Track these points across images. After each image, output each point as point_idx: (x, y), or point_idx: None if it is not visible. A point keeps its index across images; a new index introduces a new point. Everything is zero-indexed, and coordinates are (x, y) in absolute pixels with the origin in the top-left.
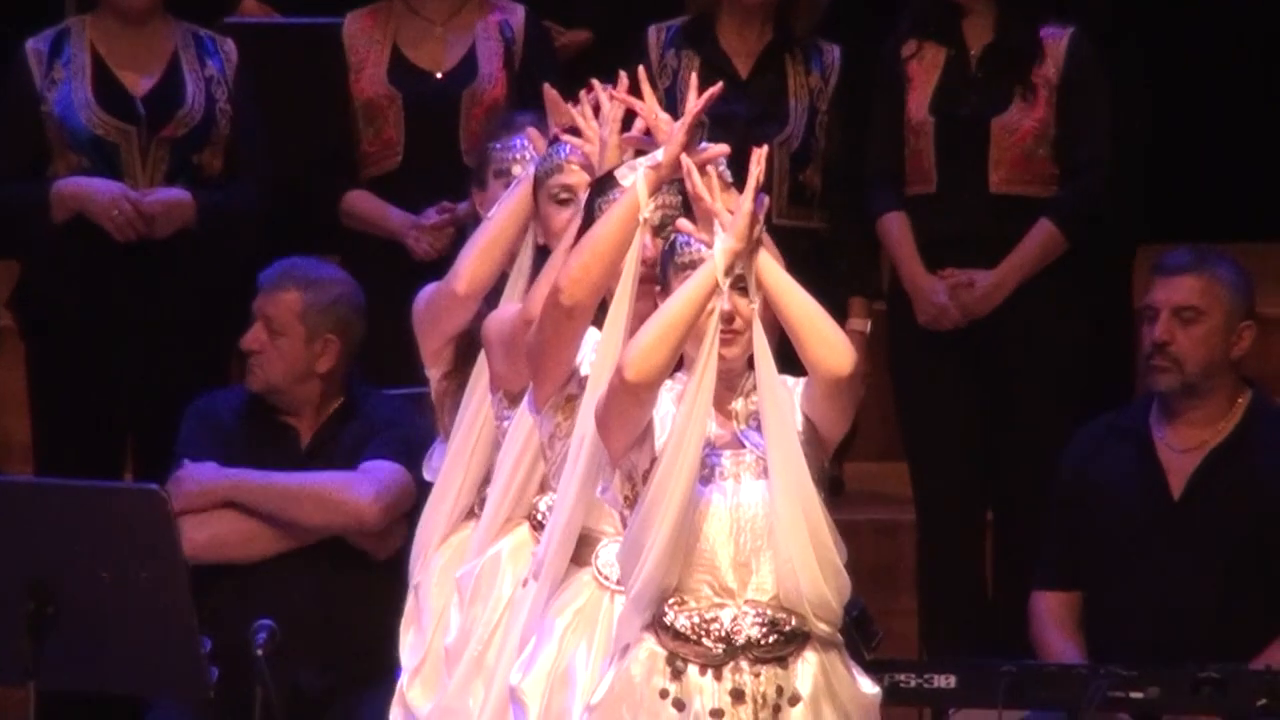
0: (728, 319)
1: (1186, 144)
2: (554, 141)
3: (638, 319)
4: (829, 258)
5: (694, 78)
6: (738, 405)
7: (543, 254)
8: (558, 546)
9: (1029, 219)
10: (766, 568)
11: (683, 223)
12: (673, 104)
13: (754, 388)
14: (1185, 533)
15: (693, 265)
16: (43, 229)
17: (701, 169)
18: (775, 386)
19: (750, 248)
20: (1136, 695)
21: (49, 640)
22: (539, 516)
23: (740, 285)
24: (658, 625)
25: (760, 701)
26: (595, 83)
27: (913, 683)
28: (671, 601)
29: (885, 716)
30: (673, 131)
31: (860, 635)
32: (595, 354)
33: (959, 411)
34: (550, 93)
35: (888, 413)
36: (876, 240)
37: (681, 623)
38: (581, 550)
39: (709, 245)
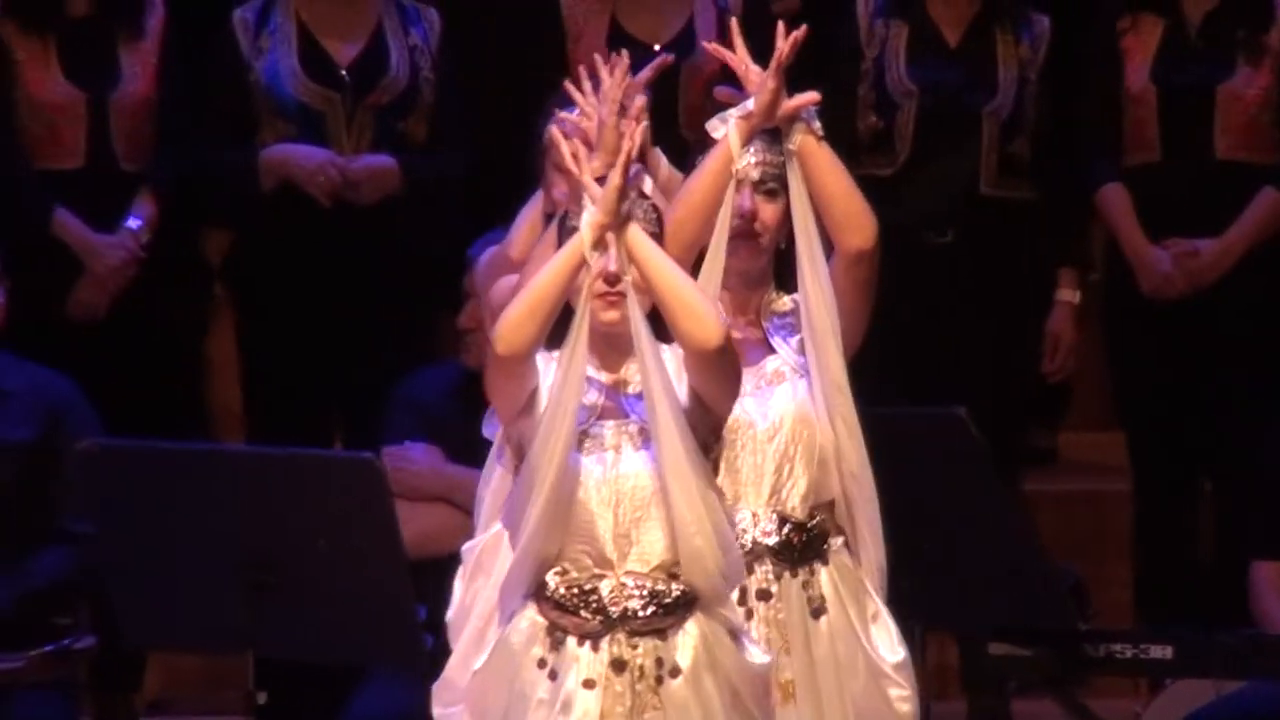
0: (611, 281)
1: None
2: (553, 104)
3: (732, 274)
4: (1038, 228)
5: (780, 25)
6: (628, 372)
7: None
8: None
9: (1254, 186)
10: (649, 538)
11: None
12: (880, 72)
13: None
14: None
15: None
16: (252, 197)
17: (795, 116)
18: (651, 355)
19: (618, 221)
20: None
21: (268, 609)
22: None
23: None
24: (539, 595)
25: (639, 673)
26: (598, 57)
27: (1129, 653)
28: (553, 571)
29: (1100, 686)
30: (763, 81)
31: (1076, 605)
32: None
33: (1176, 381)
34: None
35: (1102, 382)
36: (1087, 211)
37: (561, 593)
38: None
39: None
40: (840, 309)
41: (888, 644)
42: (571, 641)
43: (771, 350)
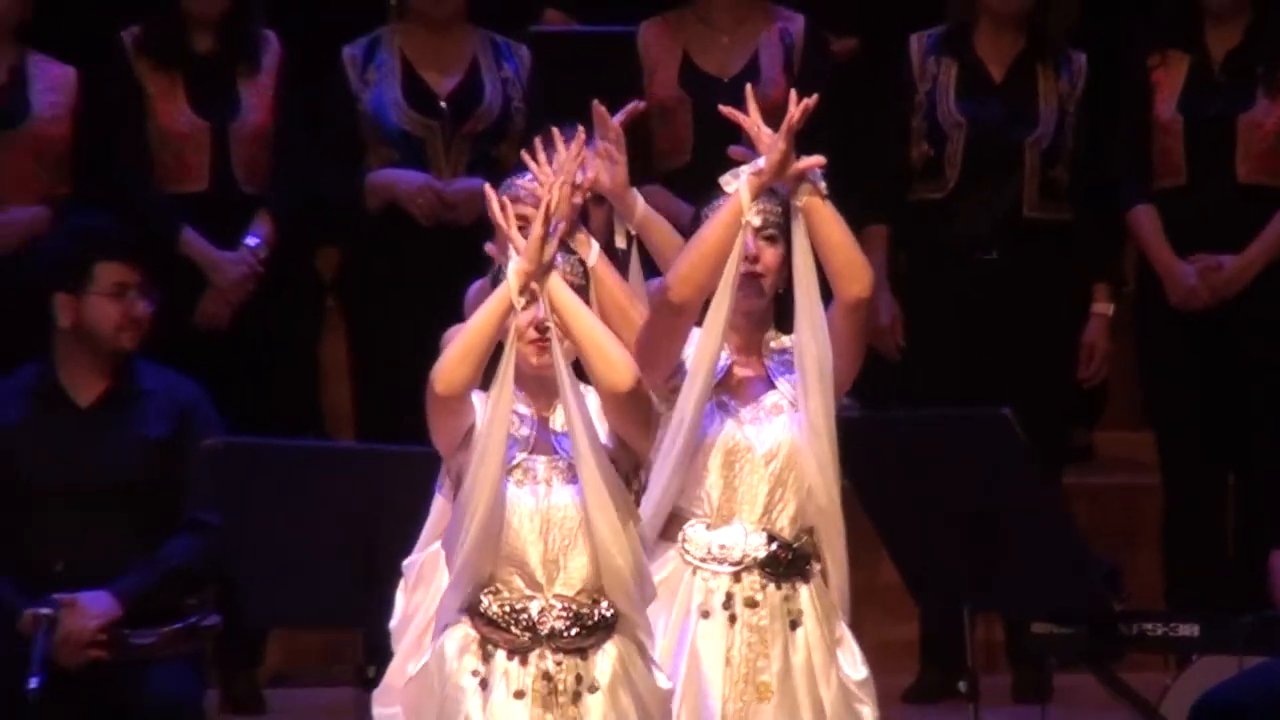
0: (540, 328)
1: None
2: (512, 172)
3: (739, 315)
4: (1075, 246)
5: (793, 94)
6: (557, 410)
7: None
8: (651, 519)
9: (1272, 207)
10: (575, 564)
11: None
12: (932, 105)
13: None
14: None
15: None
16: (359, 217)
17: (802, 176)
18: (573, 396)
19: (541, 269)
20: None
21: (375, 590)
22: None
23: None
24: (474, 611)
25: (561, 687)
26: (556, 130)
27: (1159, 631)
28: (487, 590)
29: (1133, 661)
30: (774, 142)
31: (1111, 589)
32: (694, 347)
33: (1202, 385)
34: (598, 109)
35: (1134, 386)
36: (1120, 230)
37: (494, 610)
38: (670, 527)
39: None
40: (837, 349)
41: (852, 664)
42: (501, 655)
43: (773, 385)
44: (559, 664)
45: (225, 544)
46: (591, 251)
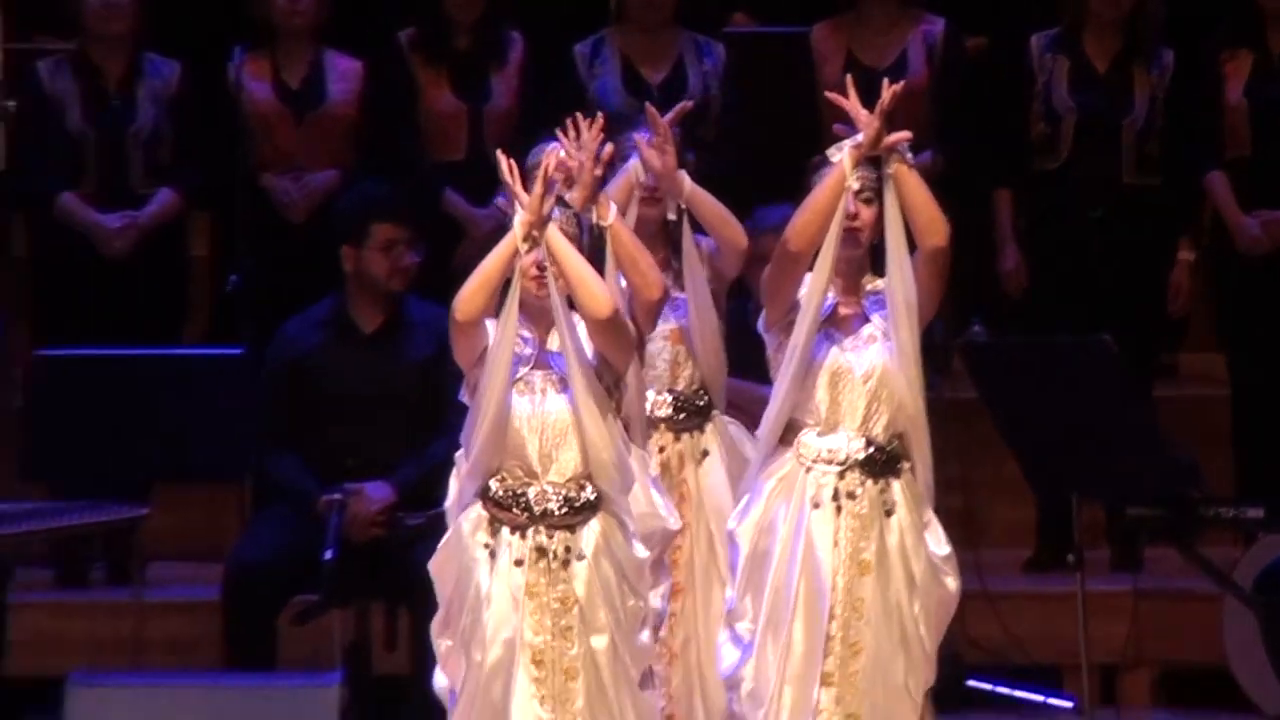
0: (540, 267)
1: None
2: (541, 142)
3: (842, 262)
4: (1164, 206)
5: (885, 81)
6: (553, 334)
7: None
8: (772, 427)
9: None
10: (565, 457)
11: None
12: (1048, 92)
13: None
14: None
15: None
16: None
17: (892, 148)
18: (565, 322)
19: (541, 220)
20: None
21: None
22: None
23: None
24: (485, 495)
25: (553, 556)
26: (579, 115)
27: (1230, 514)
28: (495, 479)
29: (1209, 538)
30: (870, 121)
31: (1191, 479)
32: (805, 288)
33: (1264, 316)
34: (650, 110)
35: (1211, 317)
36: (1199, 193)
37: (500, 494)
38: (788, 434)
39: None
40: (920, 290)
41: (937, 542)
42: (505, 531)
43: (868, 320)
44: (551, 537)
45: None
46: (610, 212)
